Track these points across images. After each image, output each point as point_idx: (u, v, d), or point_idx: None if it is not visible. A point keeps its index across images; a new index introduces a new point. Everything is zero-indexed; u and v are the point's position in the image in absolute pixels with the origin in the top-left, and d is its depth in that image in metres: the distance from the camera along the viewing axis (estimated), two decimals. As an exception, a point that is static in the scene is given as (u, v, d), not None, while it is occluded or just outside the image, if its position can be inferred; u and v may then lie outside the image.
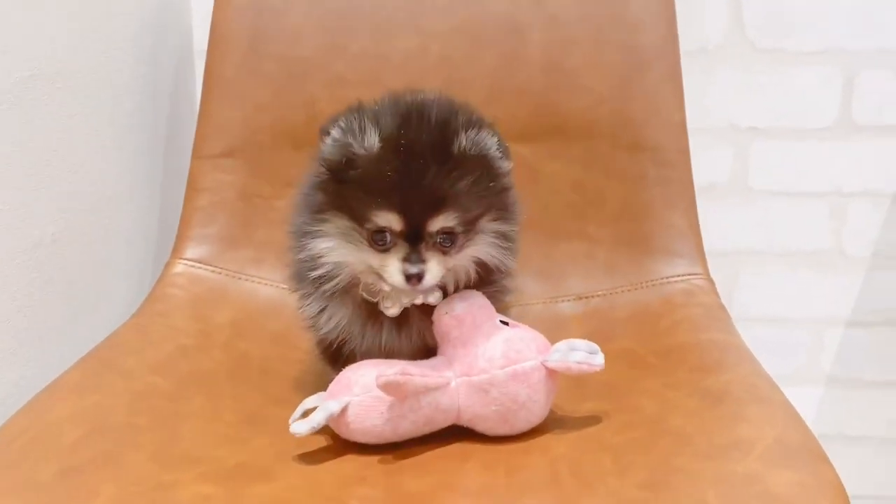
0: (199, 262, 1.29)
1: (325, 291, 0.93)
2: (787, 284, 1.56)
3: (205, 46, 1.33)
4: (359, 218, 0.87)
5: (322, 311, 0.95)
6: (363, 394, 0.87)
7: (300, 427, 0.84)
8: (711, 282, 1.25)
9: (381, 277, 0.88)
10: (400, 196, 0.84)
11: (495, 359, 0.89)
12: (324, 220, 0.89)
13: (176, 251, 1.29)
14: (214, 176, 1.31)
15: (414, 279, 0.86)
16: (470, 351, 0.90)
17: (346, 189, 0.87)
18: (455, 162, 0.86)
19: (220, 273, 1.29)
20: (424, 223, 0.86)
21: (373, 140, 0.85)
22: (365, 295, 0.93)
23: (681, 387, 1.00)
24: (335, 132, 0.86)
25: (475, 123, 0.88)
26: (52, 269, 1.11)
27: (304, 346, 1.16)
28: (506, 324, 0.94)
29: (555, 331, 1.19)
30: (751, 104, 1.47)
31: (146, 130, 1.35)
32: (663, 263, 1.26)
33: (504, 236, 0.94)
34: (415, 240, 0.86)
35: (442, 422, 0.90)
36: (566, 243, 1.32)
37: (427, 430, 0.90)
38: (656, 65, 1.30)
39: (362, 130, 0.85)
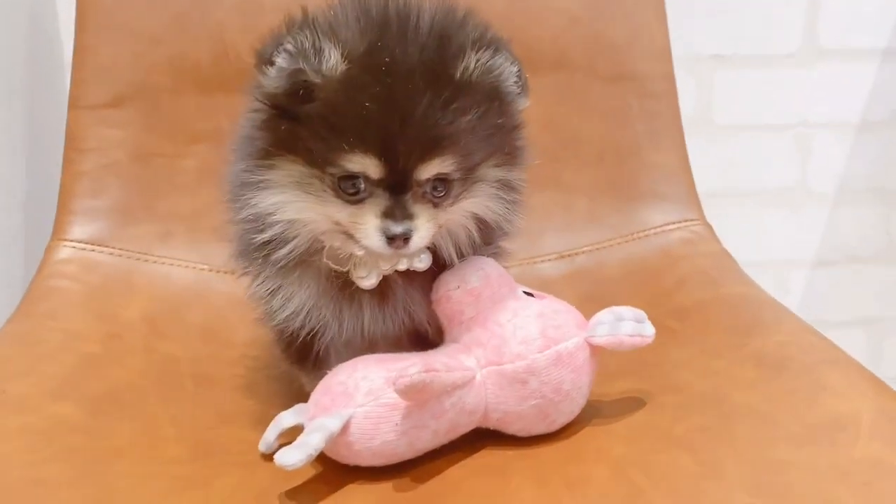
0: (90, 244, 1.01)
1: (276, 262, 0.70)
2: (752, 226, 1.46)
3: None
4: (319, 161, 0.65)
5: (275, 290, 0.72)
6: (369, 402, 0.65)
7: (290, 457, 0.62)
8: (710, 227, 1.11)
9: (351, 238, 0.67)
10: (380, 133, 0.63)
11: (532, 339, 0.69)
12: (270, 167, 0.67)
13: (58, 231, 1.01)
14: (100, 131, 1.03)
15: (398, 241, 0.65)
16: (494, 332, 0.70)
17: (300, 127, 0.65)
18: (456, 90, 0.65)
19: (119, 255, 1.02)
20: (412, 169, 0.65)
21: (333, 61, 0.63)
22: (331, 264, 0.70)
23: (723, 354, 0.84)
24: (281, 59, 0.63)
25: (490, 42, 0.68)
26: None
27: (241, 340, 0.94)
28: (530, 295, 0.74)
29: None
30: (714, 30, 1.32)
31: None
32: (654, 210, 1.11)
33: (509, 186, 0.74)
34: (398, 189, 0.65)
35: (466, 426, 0.70)
36: (539, 193, 1.11)
37: (448, 439, 0.70)
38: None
39: (318, 50, 0.63)
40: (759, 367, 0.80)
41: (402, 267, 0.71)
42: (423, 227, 0.66)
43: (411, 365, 0.63)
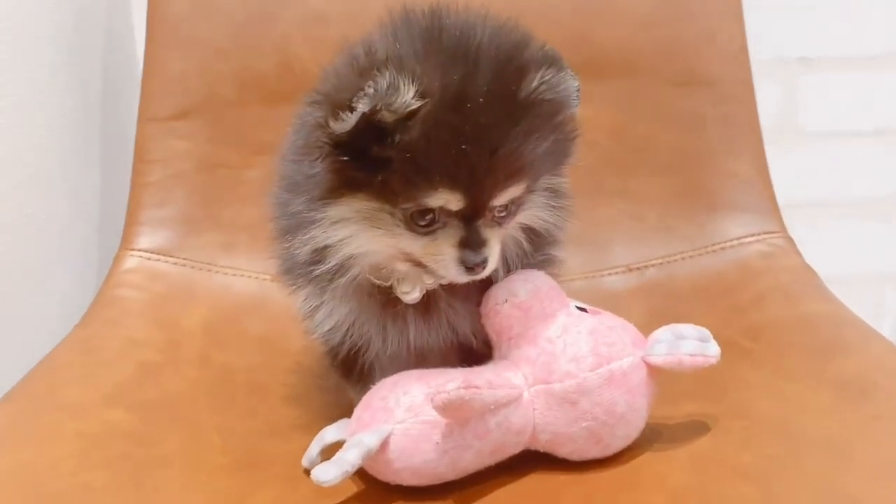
0: (156, 253, 1.02)
1: (321, 279, 0.69)
2: (843, 240, 1.36)
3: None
4: (391, 197, 0.63)
5: (318, 307, 0.71)
6: (409, 419, 0.63)
7: (326, 473, 0.60)
8: (791, 240, 1.04)
9: (422, 267, 0.65)
10: (468, 170, 0.61)
11: (583, 357, 0.66)
12: (334, 204, 0.65)
13: (126, 241, 1.03)
14: (167, 143, 1.05)
15: (477, 268, 0.64)
16: (543, 349, 0.67)
17: (371, 167, 0.62)
18: (523, 112, 0.63)
19: (183, 265, 1.03)
20: (492, 199, 0.63)
21: (408, 98, 0.60)
22: (373, 279, 0.69)
23: (799, 377, 0.78)
24: (362, 105, 0.59)
25: (551, 59, 0.65)
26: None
27: (297, 349, 0.93)
28: (583, 310, 0.70)
29: (608, 311, 0.97)
30: (800, 31, 1.25)
31: (74, 91, 1.07)
32: (730, 221, 1.05)
33: (557, 192, 0.72)
34: (473, 217, 0.64)
35: (513, 447, 0.67)
36: (607, 204, 1.09)
37: (493, 460, 0.66)
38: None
39: (393, 88, 0.59)
40: (838, 393, 0.74)
41: (445, 281, 0.69)
42: (495, 250, 0.65)
43: (450, 381, 0.60)
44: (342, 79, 0.63)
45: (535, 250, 0.73)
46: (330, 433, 0.68)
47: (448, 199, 0.62)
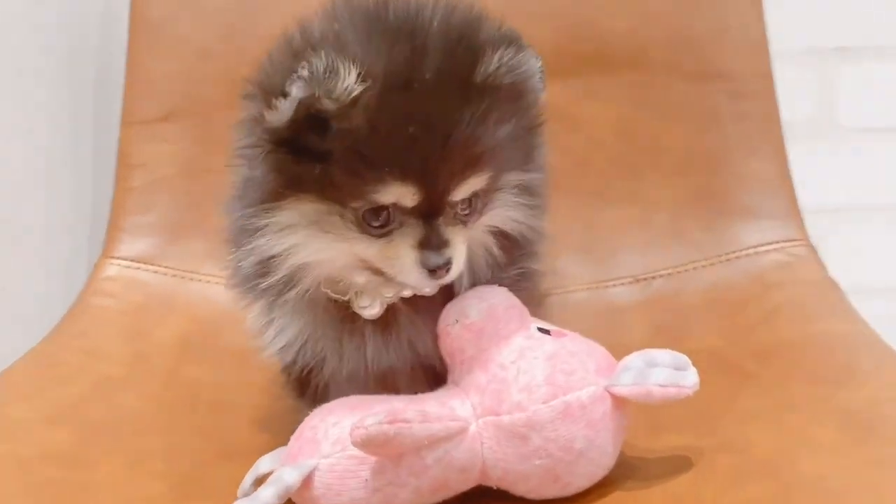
0: (137, 261, 0.99)
1: (277, 296, 0.64)
2: (885, 247, 1.24)
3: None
4: (341, 196, 0.57)
5: (268, 323, 0.66)
6: (335, 453, 0.57)
7: (240, 512, 0.55)
8: (813, 249, 0.94)
9: (380, 275, 0.60)
10: (421, 159, 0.56)
11: (536, 387, 0.59)
12: (278, 208, 0.59)
13: (107, 248, 1.00)
14: (150, 147, 1.02)
15: (440, 272, 0.58)
16: (495, 375, 0.60)
17: (314, 162, 0.57)
18: (486, 97, 0.57)
19: (164, 273, 0.99)
20: (449, 191, 0.58)
21: (350, 83, 0.54)
22: (330, 293, 0.63)
23: (804, 407, 0.70)
24: (296, 89, 0.54)
25: (510, 39, 0.59)
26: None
27: (274, 364, 0.87)
28: (546, 332, 0.63)
29: (608, 327, 0.91)
30: (837, 18, 1.16)
31: (64, 96, 1.05)
32: (747, 228, 0.96)
33: (528, 190, 0.66)
34: (431, 215, 0.58)
35: (459, 485, 0.60)
36: (614, 208, 1.01)
37: (435, 499, 0.60)
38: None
39: (333, 72, 0.54)
40: (844, 427, 0.65)
41: (407, 294, 0.63)
42: (460, 251, 0.59)
43: (373, 414, 0.54)
44: (275, 65, 0.58)
45: (510, 261, 0.67)
46: (265, 462, 0.63)
47: (401, 194, 0.56)
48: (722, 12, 0.97)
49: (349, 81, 0.54)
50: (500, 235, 0.65)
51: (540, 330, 0.64)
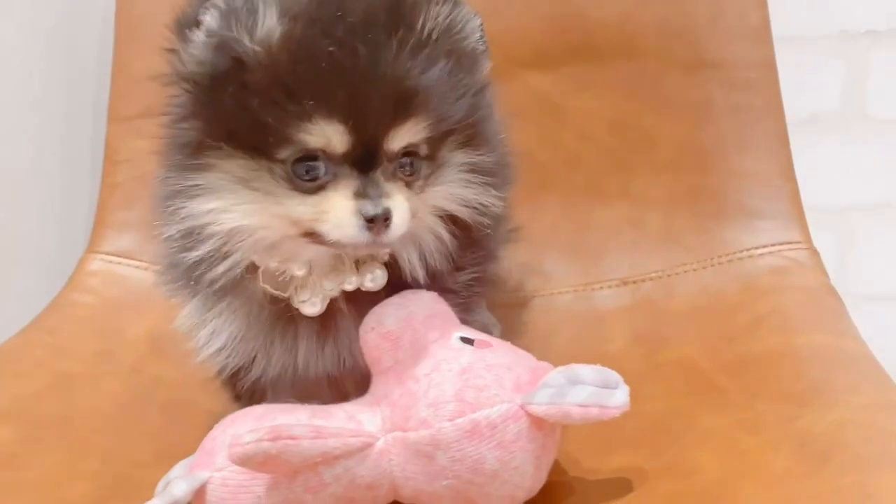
0: (120, 257, 0.99)
1: (212, 285, 0.60)
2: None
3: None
4: (266, 146, 0.54)
5: (202, 323, 0.63)
6: (228, 466, 0.55)
7: (126, 525, 0.53)
8: (815, 253, 0.87)
9: (317, 239, 0.55)
10: (345, 90, 0.53)
11: (444, 403, 0.55)
12: (203, 167, 0.56)
13: (92, 243, 1.01)
14: (134, 143, 1.01)
15: (378, 224, 0.54)
16: (407, 388, 0.57)
17: (236, 107, 0.54)
18: (409, 35, 0.55)
19: (146, 269, 0.98)
20: (383, 137, 0.54)
21: (271, 22, 0.53)
22: (269, 288, 0.60)
23: (765, 428, 0.64)
24: (210, 18, 0.53)
25: None
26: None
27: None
28: (469, 342, 0.59)
29: (588, 334, 0.87)
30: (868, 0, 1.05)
31: (60, 91, 1.06)
32: (742, 229, 0.90)
33: (478, 169, 0.61)
34: (366, 165, 0.55)
35: (368, 502, 0.57)
36: (604, 207, 0.96)
37: (345, 516, 0.57)
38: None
39: (252, 10, 0.53)
40: (799, 453, 0.59)
41: (350, 287, 0.60)
42: (402, 207, 0.55)
43: (253, 430, 0.51)
44: (192, 3, 0.55)
45: (464, 254, 0.63)
46: (177, 469, 0.61)
47: (329, 135, 0.53)
48: (716, -5, 0.90)
49: (271, 21, 0.52)
50: (451, 221, 0.61)
51: (463, 340, 0.60)
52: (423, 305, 0.61)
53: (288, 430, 0.52)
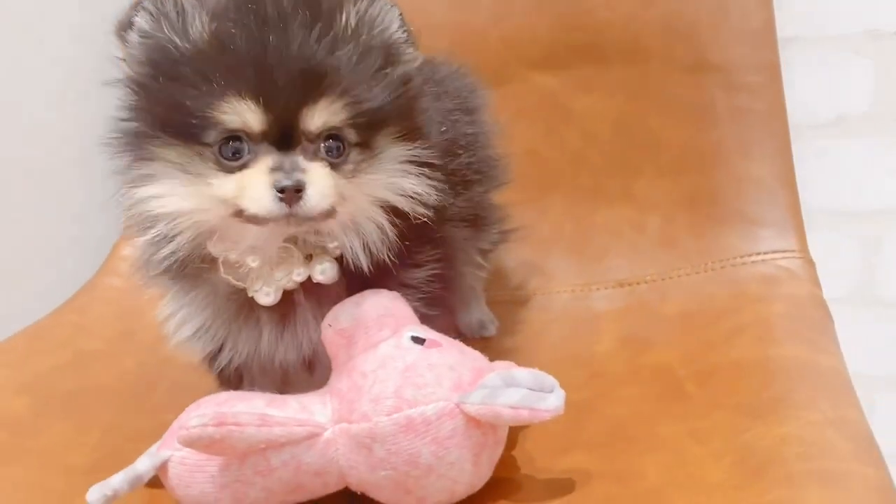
0: (150, 242, 1.06)
1: (168, 269, 0.66)
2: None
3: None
4: (195, 132, 0.59)
5: (175, 312, 0.69)
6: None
7: (91, 493, 0.59)
8: (810, 263, 0.85)
9: (241, 216, 0.59)
10: (252, 68, 0.57)
11: (384, 398, 0.59)
12: (146, 157, 0.62)
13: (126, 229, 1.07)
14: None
15: (289, 193, 0.57)
16: (354, 383, 0.61)
17: (168, 100, 0.59)
18: (325, 22, 0.60)
19: (174, 254, 1.05)
20: (297, 114, 0.58)
21: (199, 22, 0.59)
22: (231, 280, 0.65)
23: (714, 439, 0.65)
24: (140, 19, 0.60)
25: None
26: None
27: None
28: (420, 341, 0.62)
29: (579, 334, 0.89)
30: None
31: (99, 88, 1.13)
32: (739, 236, 0.89)
33: (416, 161, 0.64)
34: (285, 144, 0.59)
35: (319, 488, 0.61)
36: (607, 208, 0.97)
37: (296, 498, 0.61)
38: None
39: (180, 11, 0.59)
40: (737, 466, 0.60)
41: (299, 278, 0.64)
42: (320, 182, 0.58)
43: (199, 416, 0.56)
44: (130, 7, 0.61)
45: (420, 249, 0.66)
46: (152, 448, 0.67)
47: (242, 112, 0.57)
48: (723, -2, 0.89)
49: (199, 21, 0.58)
50: (392, 212, 0.64)
51: (414, 339, 0.63)
52: (378, 305, 0.64)
53: (234, 417, 0.56)
